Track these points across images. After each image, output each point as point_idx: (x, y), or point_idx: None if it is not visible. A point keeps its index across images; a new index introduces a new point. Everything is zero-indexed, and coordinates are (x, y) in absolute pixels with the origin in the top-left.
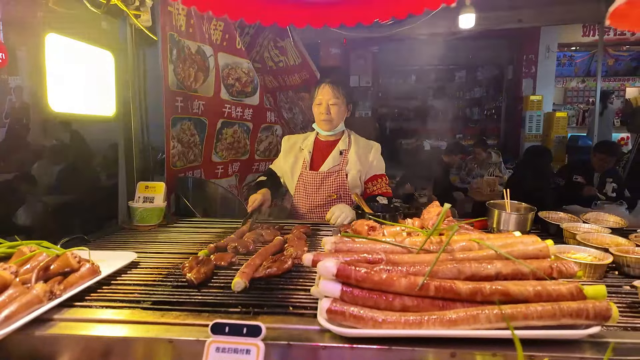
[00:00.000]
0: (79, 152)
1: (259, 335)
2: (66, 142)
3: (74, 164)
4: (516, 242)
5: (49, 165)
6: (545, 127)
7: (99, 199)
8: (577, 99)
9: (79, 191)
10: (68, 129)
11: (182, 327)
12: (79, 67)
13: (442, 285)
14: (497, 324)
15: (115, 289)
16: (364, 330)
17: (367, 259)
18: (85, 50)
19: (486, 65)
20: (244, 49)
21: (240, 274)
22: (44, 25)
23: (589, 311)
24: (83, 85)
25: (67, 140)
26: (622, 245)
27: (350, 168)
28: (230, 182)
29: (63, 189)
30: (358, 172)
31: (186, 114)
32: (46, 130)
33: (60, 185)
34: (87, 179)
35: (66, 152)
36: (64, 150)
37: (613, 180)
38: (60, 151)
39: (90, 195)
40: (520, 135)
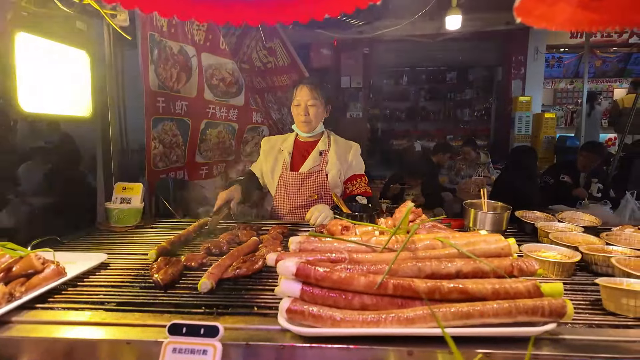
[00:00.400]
0: (54, 153)
1: (217, 336)
2: (39, 143)
3: (50, 165)
4: (479, 241)
5: (22, 166)
6: (534, 128)
7: (77, 200)
8: (566, 100)
9: (55, 192)
10: (41, 129)
11: (142, 328)
12: (52, 67)
13: (400, 284)
14: (454, 321)
15: (81, 291)
16: (322, 330)
17: (330, 258)
18: (58, 50)
19: (476, 67)
20: (229, 50)
21: (208, 274)
22: (14, 24)
23: (545, 308)
24: (57, 85)
25: (41, 141)
26: (592, 244)
27: (330, 168)
28: (215, 183)
29: (38, 190)
30: (338, 171)
31: (168, 115)
32: (16, 131)
33: (35, 187)
34: (63, 180)
35: (40, 152)
36: (37, 151)
37: (599, 180)
38: (34, 152)
39: (67, 196)
40: (509, 136)
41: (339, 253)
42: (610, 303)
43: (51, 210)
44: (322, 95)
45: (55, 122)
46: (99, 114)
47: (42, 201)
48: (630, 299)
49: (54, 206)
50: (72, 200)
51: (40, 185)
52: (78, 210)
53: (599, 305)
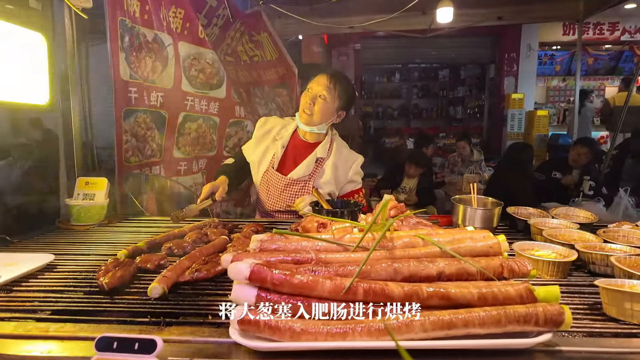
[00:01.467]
0: (7, 144)
1: (154, 352)
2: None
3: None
4: (465, 238)
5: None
6: (526, 126)
7: (37, 196)
8: (559, 97)
9: (11, 187)
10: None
11: (72, 342)
12: (1, 49)
13: (372, 288)
14: (434, 332)
15: (13, 297)
16: (279, 344)
17: (294, 259)
18: (8, 30)
19: (469, 64)
20: (209, 40)
21: (160, 278)
22: None
23: (539, 316)
24: (6, 69)
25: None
26: (589, 242)
27: (323, 184)
28: (196, 180)
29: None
30: (331, 190)
31: (142, 106)
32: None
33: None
34: (17, 174)
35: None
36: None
37: (591, 178)
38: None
39: (25, 192)
40: (502, 133)
41: (304, 253)
42: (612, 308)
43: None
44: (340, 95)
45: (7, 110)
46: (60, 103)
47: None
48: (635, 303)
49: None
50: (31, 196)
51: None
52: (37, 207)
53: (599, 310)
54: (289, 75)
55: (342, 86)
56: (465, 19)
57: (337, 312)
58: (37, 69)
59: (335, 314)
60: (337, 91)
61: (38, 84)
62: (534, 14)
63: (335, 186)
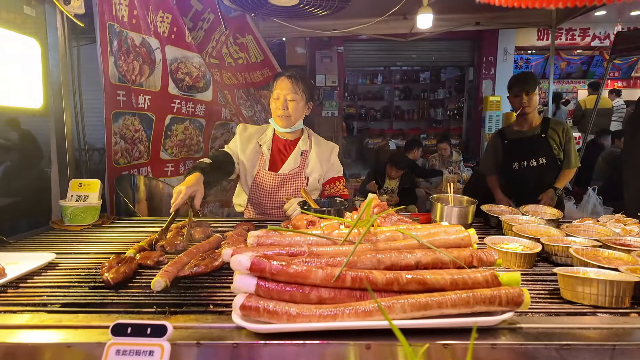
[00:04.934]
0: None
1: (164, 335)
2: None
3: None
4: (439, 232)
5: None
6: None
7: (30, 197)
8: None
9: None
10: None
11: (86, 330)
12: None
13: (358, 276)
14: (412, 313)
15: (22, 292)
16: (277, 325)
17: (289, 252)
18: (3, 35)
19: (449, 67)
20: (195, 44)
21: (162, 272)
22: None
23: (502, 298)
24: (2, 74)
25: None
26: (553, 236)
27: (312, 172)
28: (181, 181)
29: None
30: (319, 175)
31: (130, 109)
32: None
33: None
34: (11, 176)
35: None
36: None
37: None
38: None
39: (18, 193)
40: (480, 134)
41: (298, 247)
42: (567, 291)
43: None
44: (304, 90)
45: (1, 113)
46: (53, 106)
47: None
48: (586, 287)
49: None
50: (24, 198)
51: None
52: (30, 208)
53: (557, 294)
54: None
55: (304, 83)
56: (445, 24)
57: (328, 297)
58: (32, 73)
59: (327, 299)
60: (301, 89)
61: (32, 88)
62: (510, 19)
63: (320, 173)
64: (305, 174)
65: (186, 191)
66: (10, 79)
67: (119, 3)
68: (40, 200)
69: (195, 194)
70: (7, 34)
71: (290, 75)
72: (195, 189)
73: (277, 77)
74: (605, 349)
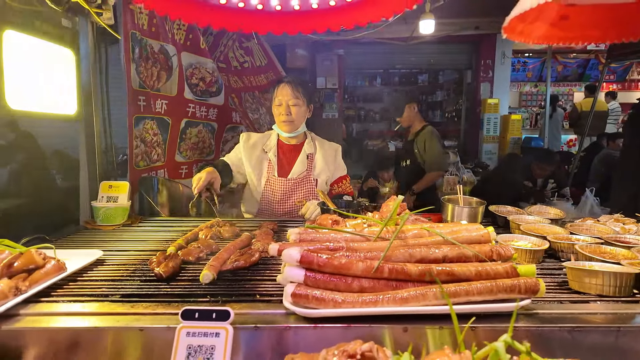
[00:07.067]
0: (36, 151)
1: (228, 319)
2: (23, 141)
3: (32, 163)
4: (461, 229)
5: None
6: (501, 129)
7: (58, 199)
8: (530, 102)
9: (36, 191)
10: (26, 127)
11: (152, 316)
12: (39, 65)
13: (394, 268)
14: (443, 300)
15: (82, 285)
16: (326, 310)
17: (328, 247)
18: (45, 47)
19: (447, 70)
20: (207, 49)
21: (209, 266)
22: (2, 21)
23: (521, 286)
24: (42, 83)
25: (25, 139)
26: (558, 234)
27: (320, 174)
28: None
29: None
30: (327, 177)
31: (149, 113)
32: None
33: (16, 185)
34: (45, 179)
35: (23, 151)
36: (21, 149)
37: (555, 181)
38: (18, 150)
39: (48, 195)
40: (479, 136)
41: (336, 242)
42: (575, 283)
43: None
44: (304, 95)
45: (41, 120)
46: (84, 112)
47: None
48: (592, 278)
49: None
50: (54, 200)
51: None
52: (59, 209)
53: (566, 286)
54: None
55: (303, 87)
56: (445, 28)
57: (368, 287)
58: (68, 81)
59: (367, 288)
60: (301, 93)
61: (68, 96)
62: None
63: (327, 174)
64: (314, 177)
65: (206, 176)
66: (49, 87)
67: (140, 12)
68: (64, 201)
69: (214, 180)
70: (48, 46)
71: (290, 81)
72: (214, 175)
73: (277, 84)
74: (611, 331)
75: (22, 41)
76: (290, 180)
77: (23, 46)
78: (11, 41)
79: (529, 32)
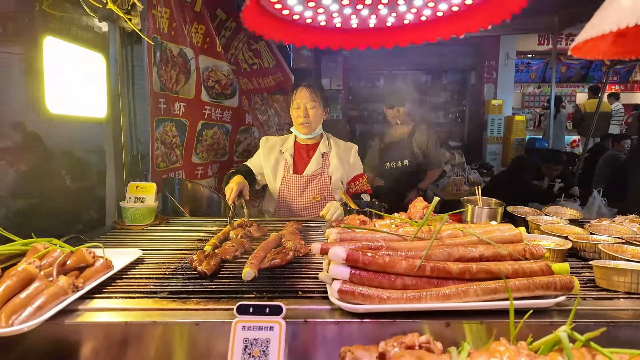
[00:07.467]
0: (69, 154)
1: (281, 314)
2: (60, 144)
3: (65, 166)
4: (494, 230)
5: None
6: (505, 130)
7: (87, 199)
8: (533, 103)
9: (68, 192)
10: (62, 130)
11: (204, 311)
12: (74, 70)
13: (436, 266)
14: (483, 297)
15: (129, 282)
16: (372, 306)
17: (369, 246)
18: (79, 52)
19: (450, 71)
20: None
21: (249, 264)
22: (43, 29)
23: (557, 284)
24: (78, 88)
25: (61, 142)
26: (578, 234)
27: (333, 171)
28: (209, 184)
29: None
30: (341, 174)
31: (168, 116)
32: (45, 132)
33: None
34: (76, 180)
35: (59, 154)
36: (57, 152)
37: (562, 180)
38: (55, 153)
39: (78, 196)
40: (483, 137)
41: (375, 241)
42: (603, 280)
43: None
44: (321, 98)
45: (75, 123)
46: (112, 115)
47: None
48: (620, 276)
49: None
50: (83, 200)
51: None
52: (87, 209)
53: (593, 284)
54: (285, 81)
55: (320, 91)
56: None
57: (410, 284)
58: (99, 86)
59: (410, 286)
60: (318, 97)
61: (99, 100)
62: (514, 26)
63: (343, 172)
64: (328, 174)
65: (237, 187)
66: (84, 91)
67: (161, 16)
68: (96, 201)
69: (243, 188)
70: (82, 51)
71: (308, 85)
72: (243, 184)
73: (296, 87)
74: None
75: (60, 47)
76: (304, 176)
77: (60, 52)
78: (51, 47)
79: (592, 50)
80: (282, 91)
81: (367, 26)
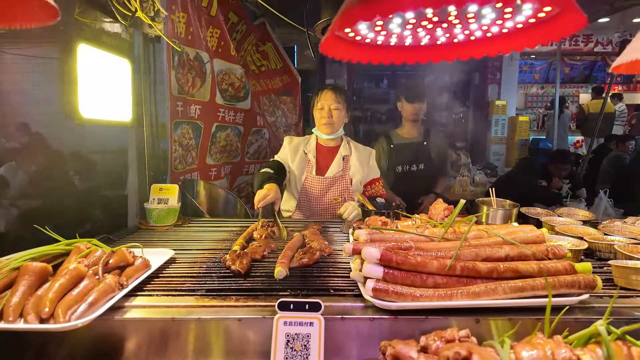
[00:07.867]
0: (97, 157)
1: (319, 310)
2: (90, 147)
3: (94, 168)
4: (517, 231)
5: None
6: (509, 130)
7: (111, 201)
8: (537, 104)
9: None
10: (92, 134)
11: (245, 308)
12: (103, 75)
13: (466, 266)
14: (511, 294)
15: (167, 281)
16: (406, 303)
17: (399, 246)
18: (108, 59)
19: (454, 71)
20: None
21: (280, 263)
22: (77, 36)
23: (580, 282)
24: (107, 92)
25: (91, 146)
26: (593, 234)
27: (354, 174)
28: (222, 185)
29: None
30: (361, 177)
31: (185, 118)
32: (77, 136)
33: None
34: (102, 182)
35: (89, 156)
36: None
37: (570, 181)
38: (85, 156)
39: (103, 197)
40: (487, 138)
41: (404, 242)
42: (621, 279)
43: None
44: (345, 101)
45: (103, 127)
46: (136, 119)
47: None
48: (639, 276)
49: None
50: (107, 202)
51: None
52: (112, 210)
53: (611, 282)
54: (292, 83)
55: (344, 94)
56: None
57: (441, 283)
58: (125, 90)
59: (441, 284)
60: (342, 99)
61: (125, 104)
62: None
63: (362, 175)
64: (349, 176)
65: (273, 197)
66: (112, 96)
67: (178, 21)
68: (119, 203)
69: (276, 200)
70: (110, 57)
71: (333, 87)
72: (277, 196)
73: (320, 89)
74: None
75: (91, 53)
76: (327, 178)
77: (92, 58)
78: (84, 54)
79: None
80: (289, 92)
81: (419, 44)
